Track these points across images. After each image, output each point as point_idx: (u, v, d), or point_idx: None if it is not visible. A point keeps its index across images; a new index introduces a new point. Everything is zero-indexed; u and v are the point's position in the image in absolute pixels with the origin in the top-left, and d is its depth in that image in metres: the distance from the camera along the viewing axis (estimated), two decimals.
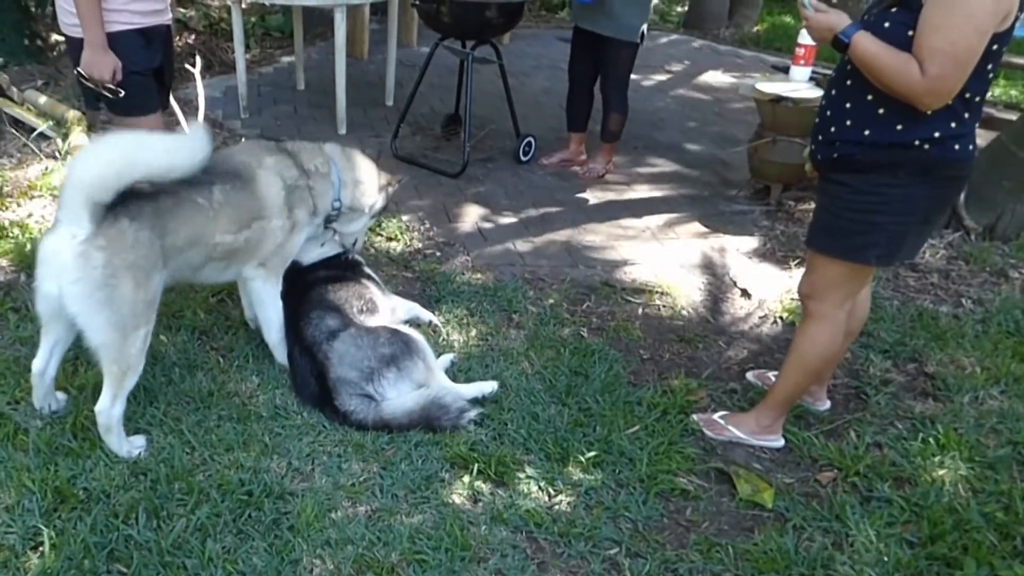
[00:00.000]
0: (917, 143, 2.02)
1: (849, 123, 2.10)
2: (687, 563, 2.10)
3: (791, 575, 2.08)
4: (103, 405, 2.23)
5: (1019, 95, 7.11)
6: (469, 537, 2.11)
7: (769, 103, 4.12)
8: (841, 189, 2.17)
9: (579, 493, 2.31)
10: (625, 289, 3.48)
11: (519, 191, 4.46)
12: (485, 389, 2.65)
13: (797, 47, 4.39)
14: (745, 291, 3.52)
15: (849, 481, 2.41)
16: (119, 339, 2.15)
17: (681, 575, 2.08)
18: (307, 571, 2.00)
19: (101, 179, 2.01)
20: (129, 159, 2.04)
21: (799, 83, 4.28)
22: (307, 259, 2.83)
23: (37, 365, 2.35)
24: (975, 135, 2.08)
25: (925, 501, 2.31)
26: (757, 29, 9.75)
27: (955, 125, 2.00)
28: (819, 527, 2.24)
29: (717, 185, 4.74)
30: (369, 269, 3.00)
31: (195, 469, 2.27)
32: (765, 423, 2.55)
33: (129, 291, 2.12)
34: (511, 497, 2.27)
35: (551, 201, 4.36)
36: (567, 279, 3.50)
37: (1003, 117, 4.83)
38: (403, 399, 2.51)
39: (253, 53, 6.64)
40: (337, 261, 2.90)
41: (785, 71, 4.75)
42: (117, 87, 2.71)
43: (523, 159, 4.81)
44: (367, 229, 3.17)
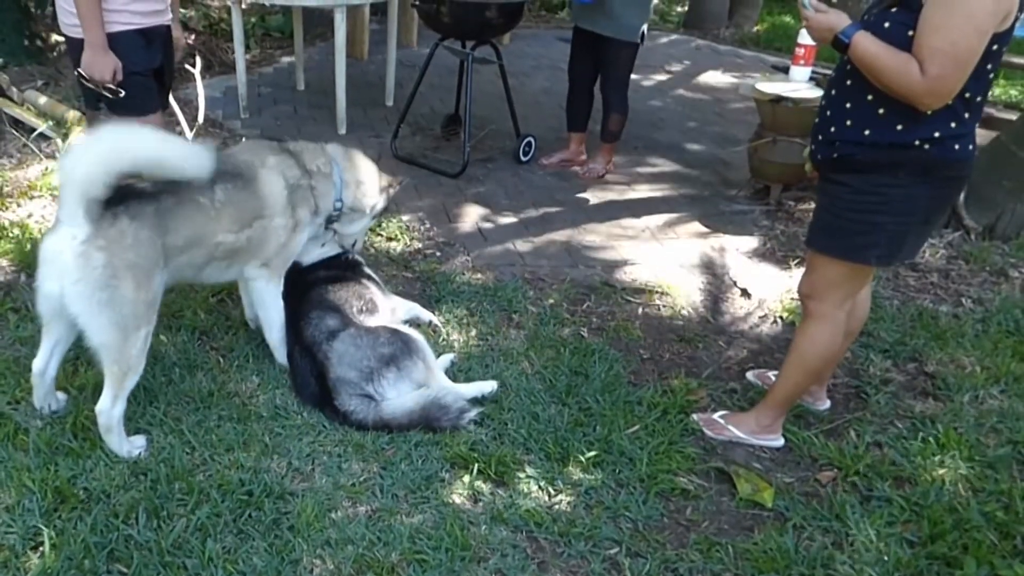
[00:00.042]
0: (917, 143, 2.02)
1: (849, 123, 2.10)
2: (687, 563, 2.10)
3: (791, 574, 2.08)
4: (104, 405, 2.23)
5: (1019, 95, 7.11)
6: (469, 537, 2.11)
7: (769, 103, 4.12)
8: (841, 189, 2.17)
9: (579, 493, 2.31)
10: (625, 289, 3.48)
11: (519, 191, 4.46)
12: (485, 389, 2.66)
13: (797, 47, 4.40)
14: (745, 291, 3.52)
15: (849, 480, 2.41)
16: (120, 339, 2.15)
17: (681, 574, 2.08)
18: (307, 571, 2.00)
19: (89, 173, 1.99)
20: (116, 150, 2.02)
21: (799, 83, 4.29)
22: (307, 259, 2.83)
23: (38, 365, 2.35)
24: (975, 135, 2.09)
25: (925, 500, 2.31)
26: (757, 29, 9.75)
27: (955, 125, 2.00)
28: (819, 526, 2.24)
29: (717, 185, 4.74)
30: (369, 269, 3.00)
31: (195, 469, 2.27)
32: (765, 423, 2.56)
33: (130, 291, 2.12)
34: (511, 497, 2.27)
35: (551, 201, 4.36)
36: (567, 279, 3.50)
37: (1003, 117, 4.82)
38: (403, 399, 2.51)
39: (253, 53, 6.65)
40: (337, 261, 2.90)
41: (785, 71, 4.75)
42: (117, 87, 2.71)
43: (523, 159, 4.81)
44: (367, 230, 3.18)
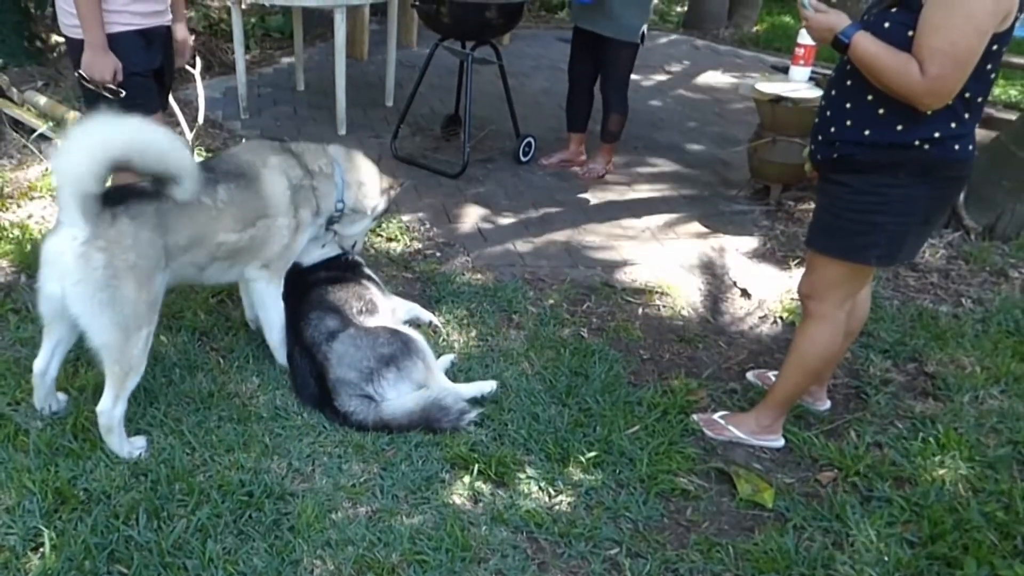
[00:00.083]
0: (917, 143, 2.02)
1: (849, 123, 2.10)
2: (687, 563, 2.10)
3: (791, 575, 2.08)
4: (105, 405, 2.23)
5: (1019, 95, 7.11)
6: (469, 538, 2.11)
7: (769, 103, 4.12)
8: (841, 189, 2.17)
9: (579, 493, 2.31)
10: (625, 289, 3.48)
11: (519, 191, 4.46)
12: (484, 389, 2.66)
13: (796, 47, 4.39)
14: (745, 291, 3.52)
15: (849, 481, 2.42)
16: (121, 340, 2.15)
17: (682, 575, 2.09)
18: (307, 572, 2.00)
19: (79, 166, 1.97)
20: (101, 139, 2.00)
21: (798, 83, 4.29)
22: (308, 260, 2.83)
23: (39, 365, 2.35)
24: (975, 135, 2.09)
25: (925, 501, 2.31)
26: (757, 29, 9.75)
27: (955, 125, 2.00)
28: (819, 527, 2.24)
29: (717, 185, 4.74)
30: (369, 270, 3.00)
31: (195, 470, 2.27)
32: (765, 423, 2.56)
33: (131, 292, 2.13)
34: (511, 497, 2.27)
35: (551, 201, 4.36)
36: (567, 279, 3.50)
37: (1003, 117, 4.82)
38: (403, 400, 2.51)
39: (253, 54, 6.64)
40: (337, 262, 2.90)
41: (784, 71, 4.75)
42: (118, 88, 2.71)
43: (523, 159, 4.81)
44: (367, 231, 3.18)
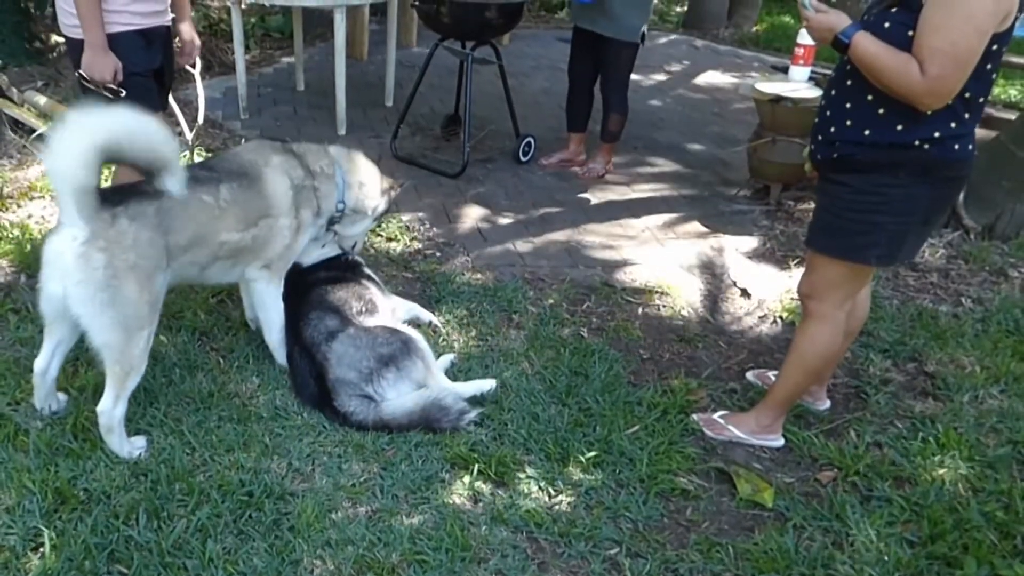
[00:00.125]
0: (917, 143, 2.02)
1: (849, 123, 2.10)
2: (687, 563, 2.11)
3: (791, 575, 2.08)
4: (105, 405, 2.23)
5: (1018, 95, 7.11)
6: (469, 537, 2.12)
7: (768, 103, 4.12)
8: (841, 189, 2.17)
9: (579, 493, 2.31)
10: (625, 289, 3.48)
11: (519, 191, 4.46)
12: (484, 387, 2.66)
13: (796, 47, 4.39)
14: (745, 291, 3.52)
15: (849, 480, 2.42)
16: (122, 339, 2.15)
17: (682, 575, 2.09)
18: (308, 572, 2.00)
19: (69, 159, 1.96)
20: (87, 129, 1.97)
21: (798, 83, 4.29)
22: (308, 260, 2.83)
23: (39, 365, 2.35)
24: (975, 135, 2.09)
25: (925, 500, 2.31)
26: (756, 29, 9.75)
27: (955, 125, 2.00)
28: (819, 526, 2.25)
29: (717, 185, 4.74)
30: (369, 270, 3.00)
31: (195, 470, 2.27)
32: (765, 423, 2.56)
33: (133, 292, 2.13)
34: (511, 497, 2.27)
35: (551, 201, 4.36)
36: (567, 279, 3.50)
37: (1002, 117, 4.82)
38: (403, 400, 2.51)
39: (253, 54, 6.64)
40: (337, 262, 2.90)
41: (784, 71, 4.75)
42: (118, 88, 2.71)
43: (523, 159, 4.81)
44: (367, 232, 3.18)
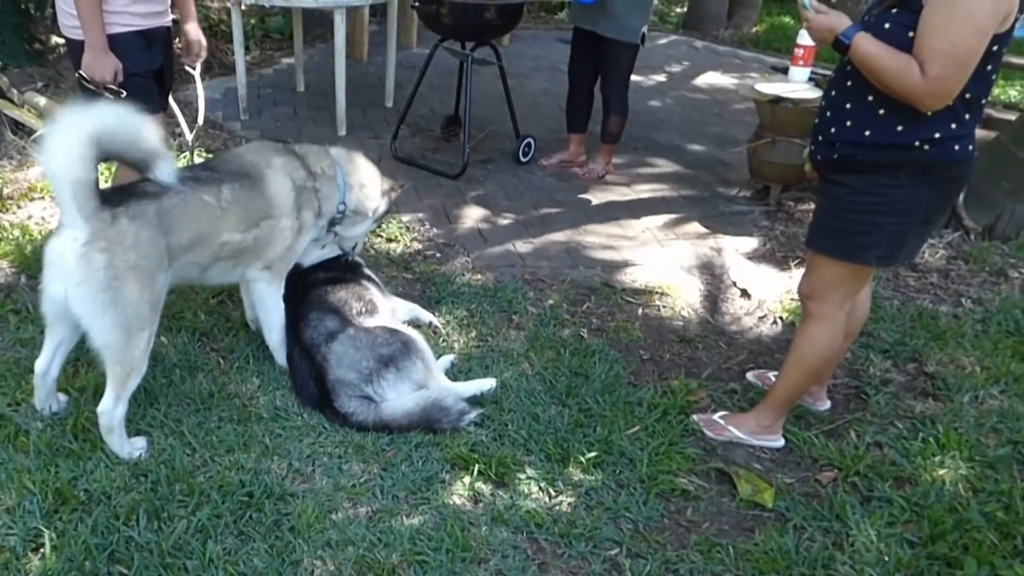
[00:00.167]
0: (917, 144, 2.02)
1: (849, 124, 2.10)
2: (688, 563, 2.11)
3: (792, 575, 2.08)
4: (106, 406, 2.23)
5: (1018, 95, 7.11)
6: (470, 538, 2.12)
7: (768, 104, 4.12)
8: (841, 190, 2.17)
9: (580, 494, 2.31)
10: (625, 290, 3.48)
11: (519, 192, 4.46)
12: (484, 386, 2.66)
13: (796, 48, 4.40)
14: (745, 291, 3.52)
15: (849, 481, 2.42)
16: (123, 340, 2.15)
17: (682, 575, 2.09)
18: (308, 572, 2.00)
19: (63, 154, 1.95)
20: (76, 124, 1.97)
21: (798, 84, 4.29)
22: (307, 261, 2.84)
23: (40, 366, 2.35)
24: (975, 136, 2.09)
25: (925, 501, 2.31)
26: (756, 30, 9.75)
27: (955, 126, 2.01)
28: (819, 527, 2.25)
29: (717, 186, 4.73)
30: (369, 271, 3.00)
31: (196, 470, 2.27)
32: (765, 423, 2.56)
33: (134, 292, 2.13)
34: (512, 498, 2.27)
35: (551, 202, 4.36)
36: (567, 280, 3.50)
37: (1002, 117, 4.82)
38: (403, 400, 2.52)
39: (253, 55, 6.65)
40: (337, 263, 2.90)
41: (784, 72, 4.76)
42: (118, 89, 2.71)
43: (523, 160, 4.81)
44: (368, 233, 3.18)
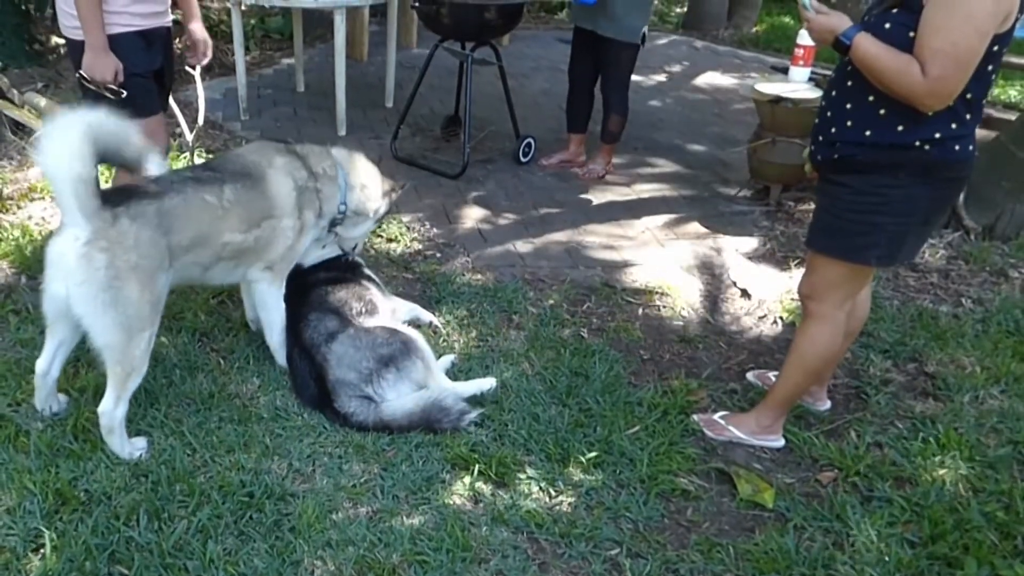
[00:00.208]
0: (918, 144, 2.02)
1: (850, 124, 2.10)
2: (688, 563, 2.11)
3: (792, 575, 2.09)
4: (106, 406, 2.23)
5: (1018, 95, 7.11)
6: (470, 538, 2.12)
7: (768, 104, 4.12)
8: (841, 190, 2.17)
9: (580, 494, 2.31)
10: (625, 290, 3.48)
11: (519, 192, 4.46)
12: (484, 386, 2.66)
13: (796, 48, 4.40)
14: (745, 291, 3.52)
15: (850, 481, 2.42)
16: (124, 340, 2.16)
17: (682, 575, 2.09)
18: (308, 572, 2.00)
19: (61, 151, 1.95)
20: (69, 122, 1.97)
21: (798, 84, 4.29)
22: (308, 261, 2.84)
23: (41, 366, 2.35)
24: (975, 136, 2.09)
25: (926, 501, 2.31)
26: (756, 30, 9.75)
27: (956, 126, 2.01)
28: (820, 527, 2.25)
29: (717, 186, 4.73)
30: (369, 271, 3.00)
31: (196, 471, 2.27)
32: (765, 423, 2.56)
33: (134, 292, 2.13)
34: (512, 498, 2.27)
35: (551, 202, 4.36)
36: (567, 280, 3.50)
37: (1002, 117, 4.82)
38: (403, 400, 2.52)
39: (253, 55, 6.65)
40: (337, 263, 2.90)
41: (784, 72, 4.76)
42: (118, 89, 2.71)
43: (523, 160, 4.81)
44: (368, 233, 3.18)
